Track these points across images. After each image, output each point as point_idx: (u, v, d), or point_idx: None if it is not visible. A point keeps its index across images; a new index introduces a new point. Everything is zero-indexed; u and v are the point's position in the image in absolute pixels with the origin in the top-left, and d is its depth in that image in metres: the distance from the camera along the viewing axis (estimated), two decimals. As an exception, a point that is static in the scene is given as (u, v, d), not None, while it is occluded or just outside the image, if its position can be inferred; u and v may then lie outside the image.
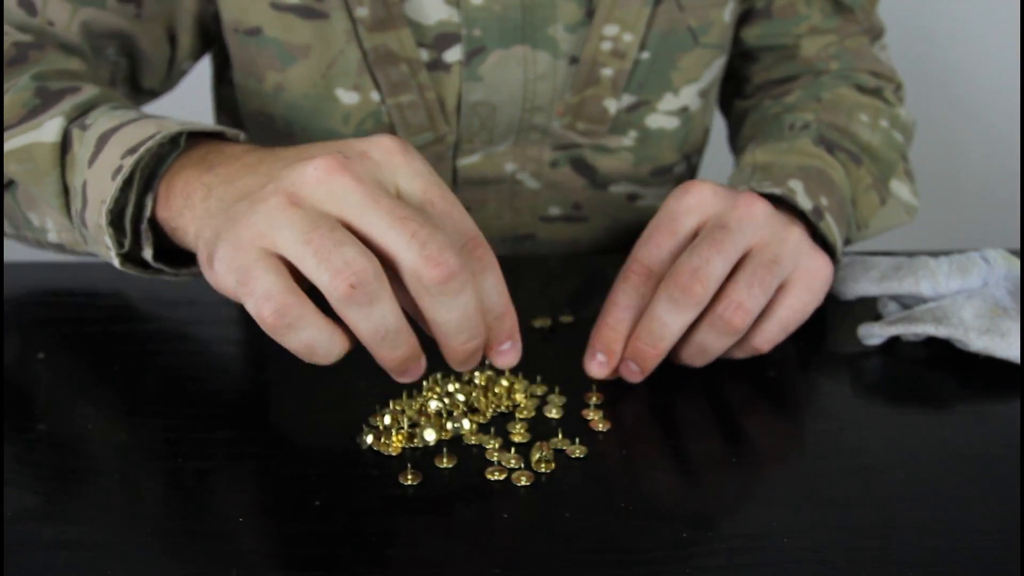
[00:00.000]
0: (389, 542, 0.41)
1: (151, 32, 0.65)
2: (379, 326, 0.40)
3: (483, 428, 0.48)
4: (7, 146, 0.52)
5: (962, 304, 0.55)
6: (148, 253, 0.49)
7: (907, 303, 0.58)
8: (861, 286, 0.58)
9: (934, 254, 0.58)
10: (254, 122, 0.70)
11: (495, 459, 0.46)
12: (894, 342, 0.56)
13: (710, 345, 0.50)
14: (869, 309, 0.60)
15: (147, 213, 0.48)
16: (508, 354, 0.45)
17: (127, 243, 0.49)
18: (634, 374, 0.50)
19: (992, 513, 0.43)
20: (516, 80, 0.66)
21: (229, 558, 0.40)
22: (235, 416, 0.50)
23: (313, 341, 0.41)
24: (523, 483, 0.44)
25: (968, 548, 0.41)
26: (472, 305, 0.42)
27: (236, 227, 0.41)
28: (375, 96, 0.66)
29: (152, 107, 0.73)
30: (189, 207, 0.46)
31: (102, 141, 0.49)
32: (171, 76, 0.70)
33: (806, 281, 0.50)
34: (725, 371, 0.54)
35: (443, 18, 0.64)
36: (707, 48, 0.70)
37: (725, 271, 0.48)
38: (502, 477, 0.45)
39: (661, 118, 0.71)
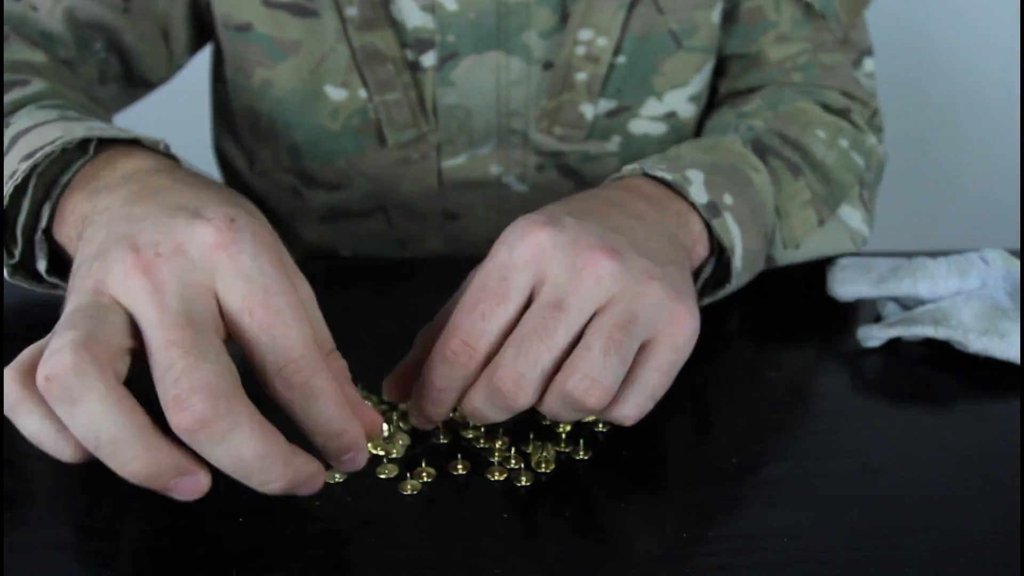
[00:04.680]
0: (389, 542, 0.41)
1: (139, 27, 0.66)
2: (87, 430, 0.34)
3: (488, 430, 0.48)
4: None
5: (961, 305, 0.55)
6: (42, 265, 0.46)
7: (907, 304, 0.58)
8: (860, 288, 0.58)
9: (933, 255, 0.58)
10: (243, 118, 0.71)
11: (495, 459, 0.46)
12: (894, 342, 0.56)
13: (560, 415, 0.42)
14: (869, 310, 0.60)
15: (43, 224, 0.45)
16: (351, 462, 0.40)
17: (17, 253, 0.46)
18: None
19: (992, 513, 0.43)
20: (488, 85, 0.66)
21: (229, 558, 0.40)
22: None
23: (37, 434, 0.36)
24: (523, 483, 0.44)
25: (968, 548, 0.41)
26: (247, 451, 0.35)
27: (69, 299, 0.39)
28: (363, 93, 0.66)
29: (151, 101, 0.74)
30: (71, 239, 0.44)
31: (13, 142, 0.46)
32: (167, 70, 0.71)
33: (669, 338, 0.42)
34: (725, 372, 0.54)
35: (419, 24, 0.64)
36: (694, 52, 0.68)
37: (557, 360, 0.41)
38: (502, 477, 0.45)
39: (645, 124, 0.70)
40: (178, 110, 0.89)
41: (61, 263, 0.47)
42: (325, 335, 0.41)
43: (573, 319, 0.41)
